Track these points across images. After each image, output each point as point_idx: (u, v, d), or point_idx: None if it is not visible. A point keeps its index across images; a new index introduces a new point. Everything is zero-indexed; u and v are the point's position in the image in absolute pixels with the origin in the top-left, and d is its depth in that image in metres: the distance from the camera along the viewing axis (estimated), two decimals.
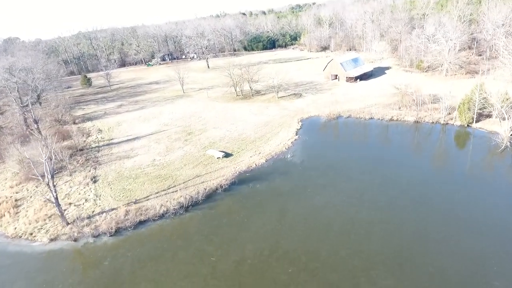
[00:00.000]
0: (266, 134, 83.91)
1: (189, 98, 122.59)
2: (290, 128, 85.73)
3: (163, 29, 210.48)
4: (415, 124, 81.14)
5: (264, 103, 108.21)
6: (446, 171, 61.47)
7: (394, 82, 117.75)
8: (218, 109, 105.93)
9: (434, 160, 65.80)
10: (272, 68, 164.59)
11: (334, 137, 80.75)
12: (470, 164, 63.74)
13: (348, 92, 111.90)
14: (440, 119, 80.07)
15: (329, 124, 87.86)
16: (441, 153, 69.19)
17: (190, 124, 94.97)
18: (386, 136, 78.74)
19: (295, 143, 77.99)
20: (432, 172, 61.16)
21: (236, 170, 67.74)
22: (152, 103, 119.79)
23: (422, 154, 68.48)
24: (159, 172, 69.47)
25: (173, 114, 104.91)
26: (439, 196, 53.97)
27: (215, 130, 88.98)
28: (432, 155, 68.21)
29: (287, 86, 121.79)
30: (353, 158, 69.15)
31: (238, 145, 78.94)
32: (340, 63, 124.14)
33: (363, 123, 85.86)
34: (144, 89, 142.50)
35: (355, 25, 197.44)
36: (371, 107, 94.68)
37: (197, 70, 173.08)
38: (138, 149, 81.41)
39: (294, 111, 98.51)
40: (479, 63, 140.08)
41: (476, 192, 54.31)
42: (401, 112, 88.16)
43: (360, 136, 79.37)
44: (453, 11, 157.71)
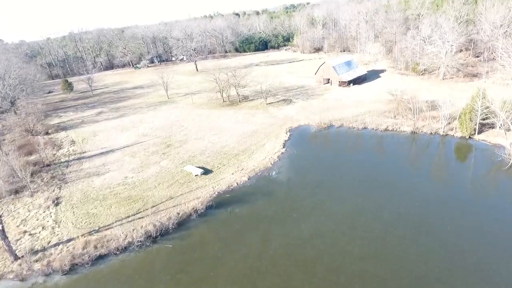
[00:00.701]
0: (251, 146, 76.57)
1: (173, 104, 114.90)
2: (277, 139, 78.45)
3: (151, 30, 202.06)
4: (412, 135, 74.12)
5: (251, 110, 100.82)
6: (447, 191, 54.47)
7: (389, 86, 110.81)
8: (202, 117, 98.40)
9: (433, 178, 58.77)
10: (262, 71, 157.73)
11: (325, 149, 73.51)
12: (474, 184, 56.74)
13: (340, 97, 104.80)
14: (439, 130, 73.10)
15: (319, 134, 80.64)
16: (441, 170, 62.17)
17: (170, 135, 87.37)
18: (380, 149, 71.62)
19: (281, 157, 70.71)
20: (432, 192, 54.14)
21: (214, 190, 60.36)
22: (133, 110, 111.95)
23: (420, 170, 61.45)
24: (129, 193, 61.90)
25: (153, 123, 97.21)
26: (441, 223, 46.96)
27: (197, 142, 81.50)
28: (431, 171, 61.17)
29: (276, 91, 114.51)
30: (345, 174, 62.02)
31: (219, 159, 71.53)
32: (332, 67, 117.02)
33: (356, 133, 78.74)
34: (128, 94, 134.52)
35: (349, 26, 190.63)
36: (364, 115, 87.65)
37: (185, 73, 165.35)
38: (111, 165, 73.75)
39: (283, 119, 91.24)
40: (477, 65, 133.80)
41: (483, 219, 47.30)
42: (396, 121, 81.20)
43: (352, 149, 72.23)
44: (449, 11, 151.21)
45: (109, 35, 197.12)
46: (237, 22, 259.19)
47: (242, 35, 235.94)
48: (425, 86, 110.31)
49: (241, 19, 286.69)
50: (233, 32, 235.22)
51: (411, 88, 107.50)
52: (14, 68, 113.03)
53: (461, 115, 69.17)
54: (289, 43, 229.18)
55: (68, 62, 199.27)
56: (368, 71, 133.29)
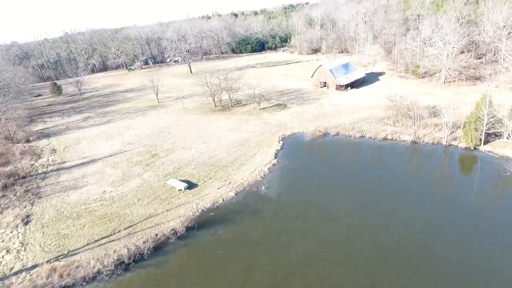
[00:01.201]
0: (241, 156, 71.30)
1: (163, 109, 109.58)
2: (269, 149, 73.16)
3: (144, 31, 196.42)
4: (412, 145, 68.78)
5: (243, 116, 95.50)
6: (452, 211, 49.21)
7: (388, 91, 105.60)
8: (192, 123, 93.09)
9: (436, 195, 53.47)
10: (258, 73, 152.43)
11: (319, 161, 68.17)
12: (481, 202, 51.41)
13: (337, 102, 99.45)
14: (441, 139, 67.74)
15: (314, 143, 75.32)
16: (444, 186, 56.85)
17: (156, 143, 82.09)
18: (379, 160, 66.24)
19: (273, 169, 65.42)
20: (435, 212, 48.88)
21: (198, 208, 55.13)
22: (121, 115, 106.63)
23: (422, 186, 56.15)
24: (106, 210, 56.66)
25: (141, 130, 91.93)
26: (446, 251, 41.70)
27: (184, 151, 76.22)
28: (434, 188, 55.86)
29: (271, 95, 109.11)
30: (340, 191, 56.73)
31: (206, 171, 66.25)
32: (329, 70, 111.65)
33: (353, 142, 73.43)
34: (118, 98, 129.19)
35: (347, 26, 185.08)
36: (362, 121, 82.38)
37: (179, 75, 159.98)
38: (90, 177, 68.48)
39: (276, 126, 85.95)
40: (479, 68, 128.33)
41: (492, 246, 42.03)
42: (396, 129, 75.87)
43: (348, 160, 66.92)
44: (450, 11, 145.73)
45: (102, 36, 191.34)
46: (234, 22, 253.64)
47: (239, 36, 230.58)
48: (426, 90, 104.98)
49: (238, 19, 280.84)
50: (230, 33, 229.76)
51: (411, 92, 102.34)
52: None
53: (466, 124, 63.83)
54: (286, 44, 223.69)
55: (60, 64, 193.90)
56: (367, 73, 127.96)
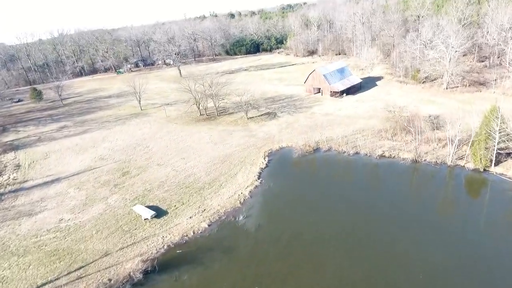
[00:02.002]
0: (221, 176, 62.92)
1: (144, 117, 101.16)
2: (253, 167, 64.79)
3: (134, 32, 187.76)
4: (413, 165, 60.26)
5: (229, 127, 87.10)
6: (460, 249, 40.88)
7: (386, 97, 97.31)
8: (172, 135, 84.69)
9: (442, 229, 45.08)
10: (250, 77, 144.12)
11: (307, 183, 59.67)
12: (495, 237, 43.00)
13: (331, 111, 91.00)
14: (446, 158, 59.26)
15: (303, 160, 66.87)
16: (451, 215, 48.41)
17: (130, 159, 73.76)
18: (375, 183, 57.66)
19: (254, 192, 57.06)
20: (441, 252, 40.54)
21: (164, 243, 46.83)
22: (99, 125, 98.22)
23: (424, 216, 47.73)
24: (58, 245, 48.36)
25: (116, 142, 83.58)
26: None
27: (159, 169, 67.86)
28: (438, 218, 47.42)
29: (260, 103, 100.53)
30: (329, 222, 48.36)
31: (179, 195, 57.89)
32: (323, 75, 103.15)
33: (346, 160, 64.96)
34: (100, 104, 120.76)
35: (345, 27, 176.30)
36: (357, 134, 73.98)
37: (168, 79, 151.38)
38: (50, 200, 60.17)
39: (263, 139, 77.55)
40: (483, 72, 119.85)
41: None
42: (394, 144, 67.43)
43: (340, 183, 58.50)
44: (452, 12, 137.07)
45: (90, 37, 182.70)
46: (229, 23, 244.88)
47: (233, 37, 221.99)
48: (427, 97, 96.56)
49: (233, 20, 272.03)
50: (225, 34, 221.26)
51: (411, 99, 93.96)
52: None
53: (474, 143, 55.33)
54: (282, 45, 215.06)
55: (48, 67, 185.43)
56: (364, 78, 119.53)
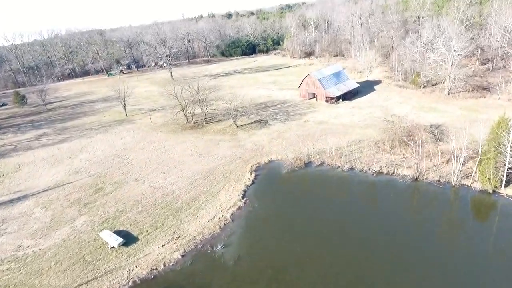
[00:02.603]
0: (202, 195, 56.77)
1: (129, 124, 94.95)
2: (237, 184, 58.63)
3: (125, 33, 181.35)
4: (413, 183, 54.00)
5: (216, 136, 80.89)
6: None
7: (384, 103, 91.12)
8: (155, 145, 78.53)
9: (446, 267, 38.92)
10: (243, 81, 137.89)
11: (296, 204, 53.27)
12: (508, 277, 36.89)
13: (325, 119, 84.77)
14: (450, 176, 53.03)
15: (293, 176, 60.61)
16: (457, 244, 42.16)
17: (107, 172, 67.61)
18: (370, 207, 51.21)
19: (237, 215, 50.88)
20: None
21: (129, 278, 40.70)
22: (81, 132, 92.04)
23: (426, 247, 41.49)
24: (9, 279, 42.21)
25: (95, 153, 77.43)
26: None
27: (135, 185, 61.70)
28: (442, 249, 41.20)
29: (251, 109, 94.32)
30: (318, 255, 42.15)
31: (154, 217, 51.74)
32: (318, 80, 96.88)
33: (340, 177, 58.71)
34: (85, 110, 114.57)
35: (343, 28, 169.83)
36: (353, 146, 67.85)
37: (159, 82, 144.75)
38: (12, 222, 54.04)
39: (252, 150, 71.36)
40: (486, 76, 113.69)
41: None
42: (393, 158, 61.20)
43: (332, 205, 52.24)
44: (453, 13, 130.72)
45: (80, 38, 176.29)
46: (225, 24, 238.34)
47: (229, 38, 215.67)
48: (428, 103, 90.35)
49: (229, 20, 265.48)
50: (221, 35, 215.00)
51: (411, 106, 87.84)
52: None
53: (483, 161, 49.05)
54: (279, 46, 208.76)
55: (38, 68, 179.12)
56: (361, 82, 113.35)
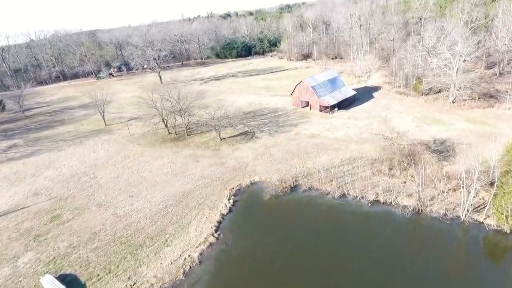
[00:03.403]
0: (170, 226, 48.67)
1: (106, 135, 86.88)
2: (212, 213, 50.49)
3: (114, 34, 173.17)
4: (415, 217, 45.59)
5: (197, 150, 72.71)
6: None
7: (383, 113, 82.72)
8: (129, 161, 70.46)
9: None
10: (236, 85, 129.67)
11: (276, 241, 44.65)
12: None
13: (318, 132, 76.45)
14: (458, 209, 44.65)
15: (276, 204, 52.32)
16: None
17: (70, 195, 59.56)
18: (364, 248, 42.61)
19: (206, 255, 42.70)
20: None
21: None
22: (53, 144, 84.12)
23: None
24: None
25: (62, 169, 69.41)
26: None
27: (97, 212, 53.66)
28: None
29: (237, 120, 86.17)
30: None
31: (109, 256, 43.67)
32: (311, 87, 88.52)
33: (330, 206, 50.36)
34: (64, 117, 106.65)
35: (342, 29, 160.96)
36: (346, 165, 59.62)
37: (148, 86, 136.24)
38: None
39: (233, 169, 63.15)
40: (493, 81, 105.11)
41: None
42: (391, 183, 52.82)
43: (319, 243, 43.88)
44: (457, 14, 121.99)
45: (68, 40, 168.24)
46: (220, 24, 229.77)
47: (225, 39, 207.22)
48: (431, 113, 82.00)
49: (225, 21, 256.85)
50: (217, 36, 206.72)
51: (412, 117, 79.57)
52: None
53: (498, 196, 40.68)
54: (276, 48, 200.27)
55: (25, 71, 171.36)
56: (359, 88, 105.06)
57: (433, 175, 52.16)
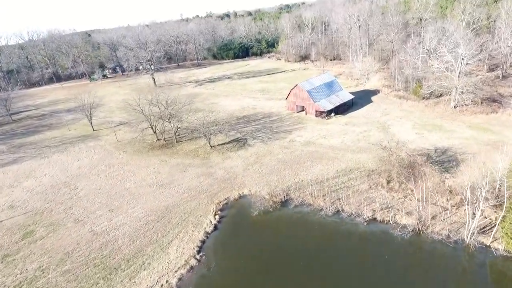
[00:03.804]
0: (149, 245, 44.64)
1: (93, 141, 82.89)
2: (195, 231, 46.48)
3: (107, 35, 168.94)
4: (415, 239, 41.51)
5: (186, 159, 68.67)
6: None
7: (381, 119, 78.59)
8: (113, 170, 66.45)
9: None
10: (231, 87, 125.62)
11: (263, 265, 40.85)
12: None
13: (313, 139, 72.40)
14: (462, 231, 40.55)
15: (264, 221, 48.19)
16: None
17: (46, 208, 55.59)
18: (358, 269, 38.91)
19: (185, 281, 38.58)
20: None
21: None
22: (37, 151, 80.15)
23: None
24: None
25: (42, 179, 65.42)
26: None
27: (73, 228, 49.66)
28: None
29: (232, 125, 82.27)
30: None
31: (80, 281, 39.60)
32: (306, 91, 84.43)
33: (323, 224, 46.26)
34: (52, 121, 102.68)
35: (341, 30, 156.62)
36: (342, 177, 55.64)
37: (141, 89, 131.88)
38: None
39: (222, 180, 59.13)
40: (496, 85, 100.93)
41: None
42: (390, 198, 48.73)
43: (310, 266, 39.95)
44: (459, 15, 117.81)
45: (59, 41, 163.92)
46: (217, 25, 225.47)
47: (221, 40, 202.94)
48: (431, 119, 77.99)
49: (222, 22, 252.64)
50: (214, 37, 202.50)
51: (412, 123, 75.55)
52: None
53: (507, 218, 36.62)
54: (274, 49, 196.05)
55: (18, 72, 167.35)
56: (358, 91, 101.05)
57: (435, 190, 48.19)
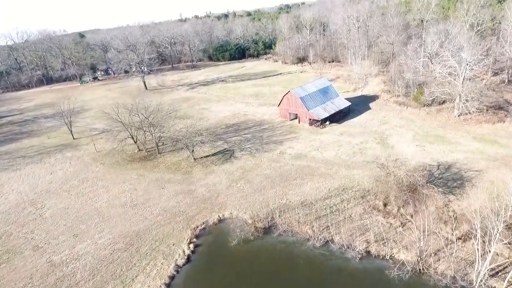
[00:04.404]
0: (111, 281, 38.70)
1: (71, 151, 77.01)
2: (165, 264, 40.51)
3: (99, 37, 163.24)
4: (415, 280, 35.41)
5: (166, 174, 62.66)
6: None
7: (379, 128, 72.25)
8: (85, 186, 60.53)
9: None
10: (223, 91, 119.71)
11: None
12: None
13: (306, 151, 66.28)
14: (470, 271, 34.43)
15: (243, 252, 42.17)
16: None
17: (5, 232, 49.56)
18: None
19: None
20: None
21: None
22: (10, 162, 74.34)
23: None
24: None
25: (8, 196, 59.47)
26: None
27: (29, 258, 43.78)
28: None
29: (219, 133, 76.32)
30: None
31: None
32: (300, 98, 78.31)
33: (309, 257, 40.22)
34: (33, 128, 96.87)
35: (339, 31, 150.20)
36: (334, 198, 49.60)
37: (131, 93, 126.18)
38: None
39: (202, 200, 53.15)
40: (501, 90, 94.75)
41: None
42: (388, 225, 42.65)
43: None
44: (462, 16, 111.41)
45: (49, 43, 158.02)
46: (214, 25, 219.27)
47: (218, 40, 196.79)
48: (433, 128, 71.84)
49: (219, 22, 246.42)
50: (210, 37, 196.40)
51: (413, 133, 69.43)
52: None
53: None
54: (271, 50, 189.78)
55: (7, 74, 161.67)
56: (355, 97, 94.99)
57: (438, 216, 42.13)
